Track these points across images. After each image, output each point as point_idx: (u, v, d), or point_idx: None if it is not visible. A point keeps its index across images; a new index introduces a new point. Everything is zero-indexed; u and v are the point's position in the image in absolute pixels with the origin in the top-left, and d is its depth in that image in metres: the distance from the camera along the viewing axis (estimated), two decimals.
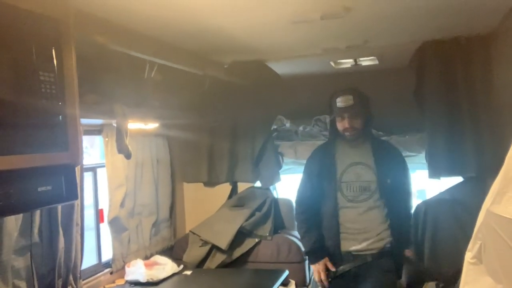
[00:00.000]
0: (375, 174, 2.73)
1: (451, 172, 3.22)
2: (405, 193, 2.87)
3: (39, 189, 1.70)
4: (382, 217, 2.74)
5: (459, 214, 3.26)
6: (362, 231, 2.72)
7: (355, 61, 3.65)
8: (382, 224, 2.74)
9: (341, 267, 2.72)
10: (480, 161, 3.10)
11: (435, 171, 3.23)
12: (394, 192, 2.76)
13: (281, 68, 3.72)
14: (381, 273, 2.69)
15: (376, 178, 2.73)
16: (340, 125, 2.75)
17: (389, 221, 2.74)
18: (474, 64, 3.12)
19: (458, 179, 3.44)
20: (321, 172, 2.84)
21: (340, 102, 2.69)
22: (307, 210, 2.87)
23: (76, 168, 1.98)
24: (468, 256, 1.12)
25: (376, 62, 3.66)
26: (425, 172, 3.35)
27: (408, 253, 3.01)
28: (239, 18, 2.38)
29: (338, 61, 3.69)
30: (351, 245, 2.73)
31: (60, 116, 1.75)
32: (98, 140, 2.98)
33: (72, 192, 1.85)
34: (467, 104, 3.14)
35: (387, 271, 2.72)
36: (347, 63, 3.72)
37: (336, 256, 2.75)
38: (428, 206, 3.38)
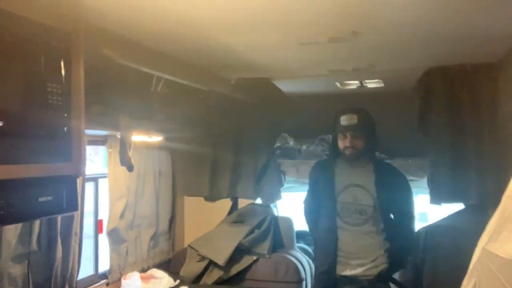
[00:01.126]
0: (373, 199, 2.69)
1: (453, 199, 3.20)
2: (408, 219, 2.82)
3: (40, 199, 1.70)
4: (378, 242, 2.70)
5: (459, 241, 3.23)
6: (356, 256, 2.69)
7: (361, 83, 3.66)
8: (378, 250, 2.70)
9: None
10: (482, 189, 3.08)
11: (437, 197, 3.21)
12: (395, 217, 2.73)
13: (287, 86, 3.74)
14: None
15: (373, 202, 2.69)
16: (341, 143, 2.73)
17: (386, 246, 2.71)
18: (479, 92, 3.12)
19: (460, 206, 3.42)
20: (319, 188, 2.84)
21: (344, 120, 2.69)
22: (312, 219, 2.93)
23: (78, 179, 1.99)
24: None
25: (382, 85, 3.67)
26: (427, 197, 3.33)
27: None
28: (248, 37, 2.40)
29: (344, 82, 3.71)
30: (345, 270, 2.69)
31: (65, 128, 1.76)
32: (102, 147, 3.00)
33: (72, 203, 1.86)
34: (471, 132, 3.13)
35: None
36: (353, 84, 3.74)
37: (330, 280, 2.71)
38: (428, 232, 3.37)
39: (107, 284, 2.99)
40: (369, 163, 2.80)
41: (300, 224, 3.89)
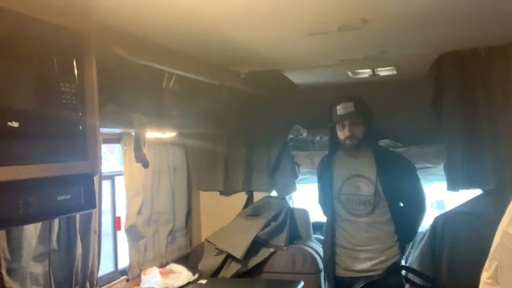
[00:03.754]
0: (376, 188, 2.64)
1: (470, 185, 3.17)
2: (416, 207, 2.77)
3: (59, 198, 1.73)
4: (386, 233, 2.66)
5: (477, 227, 3.20)
6: (364, 249, 2.65)
7: (373, 71, 3.64)
8: (387, 242, 2.65)
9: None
10: (499, 173, 3.05)
11: (453, 184, 3.18)
12: (403, 206, 2.69)
13: (298, 77, 3.72)
14: None
15: (376, 192, 2.64)
16: (340, 134, 2.69)
17: (397, 237, 2.67)
18: (493, 75, 3.07)
19: (477, 192, 3.39)
20: (325, 183, 2.83)
21: (340, 109, 2.64)
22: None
23: (95, 177, 2.01)
24: (485, 276, 1.10)
25: (394, 72, 3.64)
26: (444, 184, 3.31)
27: None
28: (257, 29, 2.39)
29: (356, 71, 3.68)
30: (355, 264, 2.66)
31: (80, 126, 1.78)
32: (117, 146, 3.03)
33: (90, 201, 1.88)
34: (485, 116, 3.09)
35: (396, 287, 2.66)
36: (365, 73, 3.71)
37: (330, 273, 2.70)
38: (446, 219, 3.34)
39: (127, 280, 3.02)
40: (370, 151, 2.75)
41: (316, 215, 3.89)
